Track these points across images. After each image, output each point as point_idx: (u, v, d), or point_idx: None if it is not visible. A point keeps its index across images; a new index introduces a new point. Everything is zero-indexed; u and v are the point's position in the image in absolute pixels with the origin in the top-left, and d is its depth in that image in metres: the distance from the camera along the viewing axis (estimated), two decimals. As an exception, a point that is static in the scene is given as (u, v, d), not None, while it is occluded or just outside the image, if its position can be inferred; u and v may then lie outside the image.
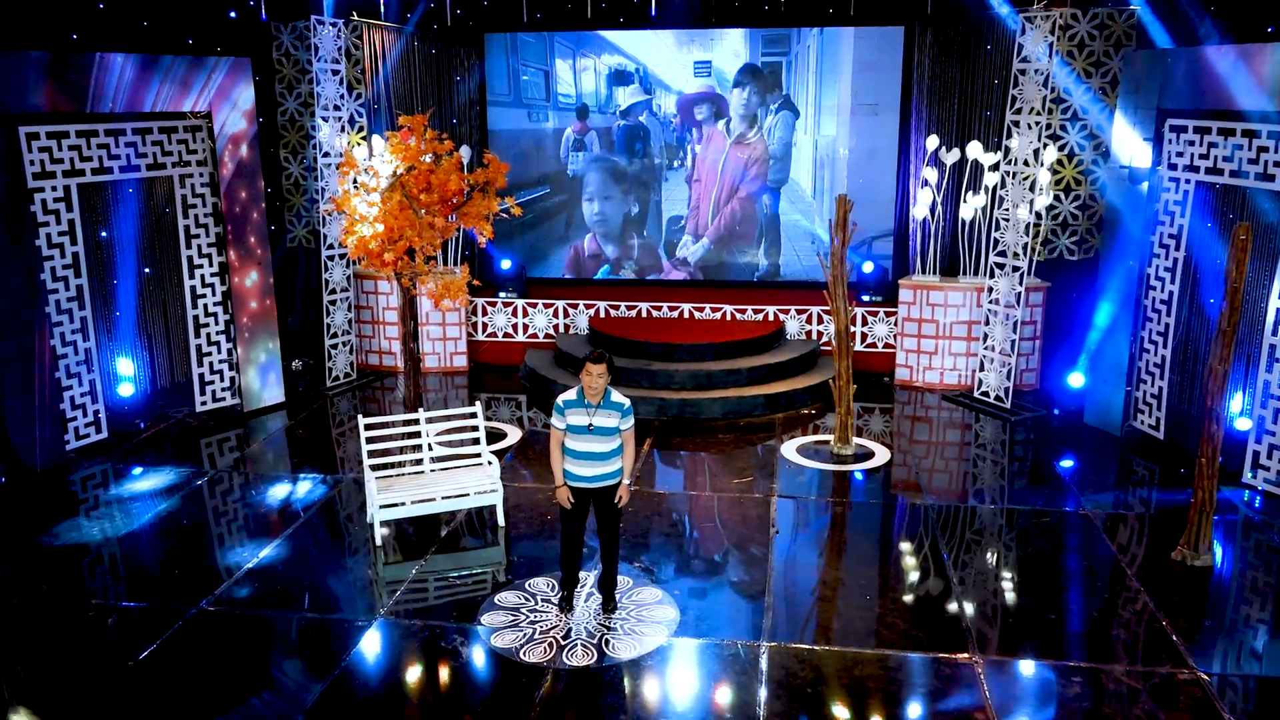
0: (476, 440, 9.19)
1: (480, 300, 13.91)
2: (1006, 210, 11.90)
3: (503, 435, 11.17)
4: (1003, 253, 12.03)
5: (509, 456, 10.60)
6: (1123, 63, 11.54)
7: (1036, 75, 11.45)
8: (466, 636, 7.06)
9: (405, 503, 8.54)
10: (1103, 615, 7.41)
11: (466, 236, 9.99)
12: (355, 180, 8.89)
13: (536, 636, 7.03)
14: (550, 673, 6.63)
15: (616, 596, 7.47)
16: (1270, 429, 9.34)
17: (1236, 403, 9.80)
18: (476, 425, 9.17)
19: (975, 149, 12.32)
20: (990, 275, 12.19)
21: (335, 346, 13.02)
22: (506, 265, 13.82)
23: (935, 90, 13.16)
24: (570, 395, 7.11)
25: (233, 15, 12.15)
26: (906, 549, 8.59)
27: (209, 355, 11.63)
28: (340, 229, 12.60)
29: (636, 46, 14.06)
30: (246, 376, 11.81)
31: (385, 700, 6.39)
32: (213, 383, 11.72)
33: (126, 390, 11.23)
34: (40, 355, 9.88)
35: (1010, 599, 7.65)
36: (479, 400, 12.49)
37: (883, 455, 10.59)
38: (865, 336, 13.39)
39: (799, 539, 8.76)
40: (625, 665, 6.72)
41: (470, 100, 14.26)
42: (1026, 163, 11.65)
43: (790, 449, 10.76)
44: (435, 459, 9.09)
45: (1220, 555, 8.24)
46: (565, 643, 6.96)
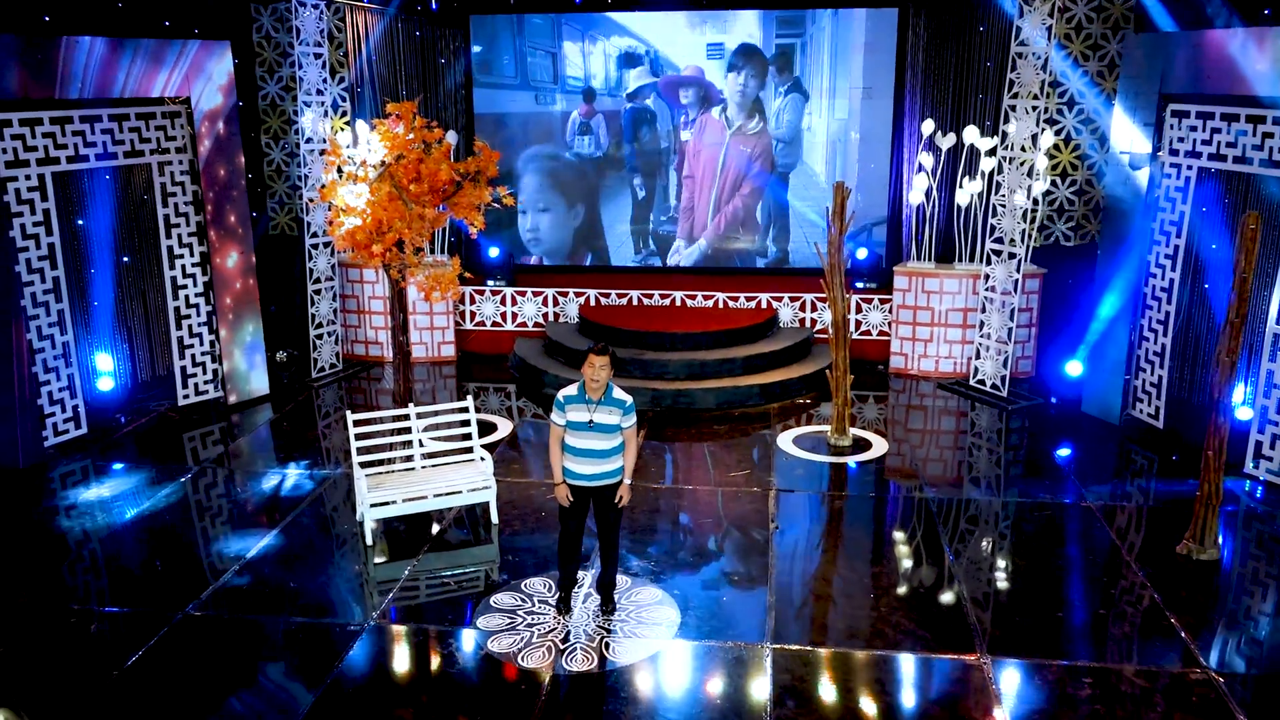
0: (468, 435, 8.96)
1: (468, 289, 13.65)
2: (1003, 196, 11.73)
3: (493, 428, 10.95)
4: (999, 239, 11.87)
5: (501, 448, 10.40)
6: (1122, 46, 11.37)
7: (1034, 59, 11.25)
8: (463, 641, 6.87)
9: (396, 501, 8.32)
10: (1110, 612, 7.28)
11: (453, 224, 9.74)
12: (341, 170, 8.61)
13: (535, 640, 6.85)
14: (550, 679, 6.45)
15: (615, 597, 7.29)
16: (1273, 419, 9.23)
17: (1238, 392, 9.69)
18: (468, 420, 8.94)
19: (972, 134, 12.13)
20: (987, 262, 12.03)
21: (320, 337, 12.74)
22: (494, 253, 13.57)
23: (929, 74, 12.95)
24: (570, 390, 6.91)
25: (211, -4, 11.81)
26: (909, 544, 8.44)
27: (191, 347, 11.35)
28: (325, 218, 12.32)
29: (647, 28, 13.75)
30: (231, 359, 11.48)
31: (380, 710, 6.19)
32: (195, 375, 11.45)
33: (106, 384, 10.94)
34: (17, 350, 9.58)
35: (1016, 596, 7.51)
36: (469, 392, 12.30)
37: (880, 446, 10.44)
38: (860, 324, 13.22)
39: (799, 534, 8.59)
40: (626, 670, 6.54)
41: (456, 84, 13.95)
42: (1024, 148, 11.47)
43: (786, 440, 10.60)
44: (426, 455, 8.87)
45: (1226, 548, 8.12)
46: (564, 646, 6.78)
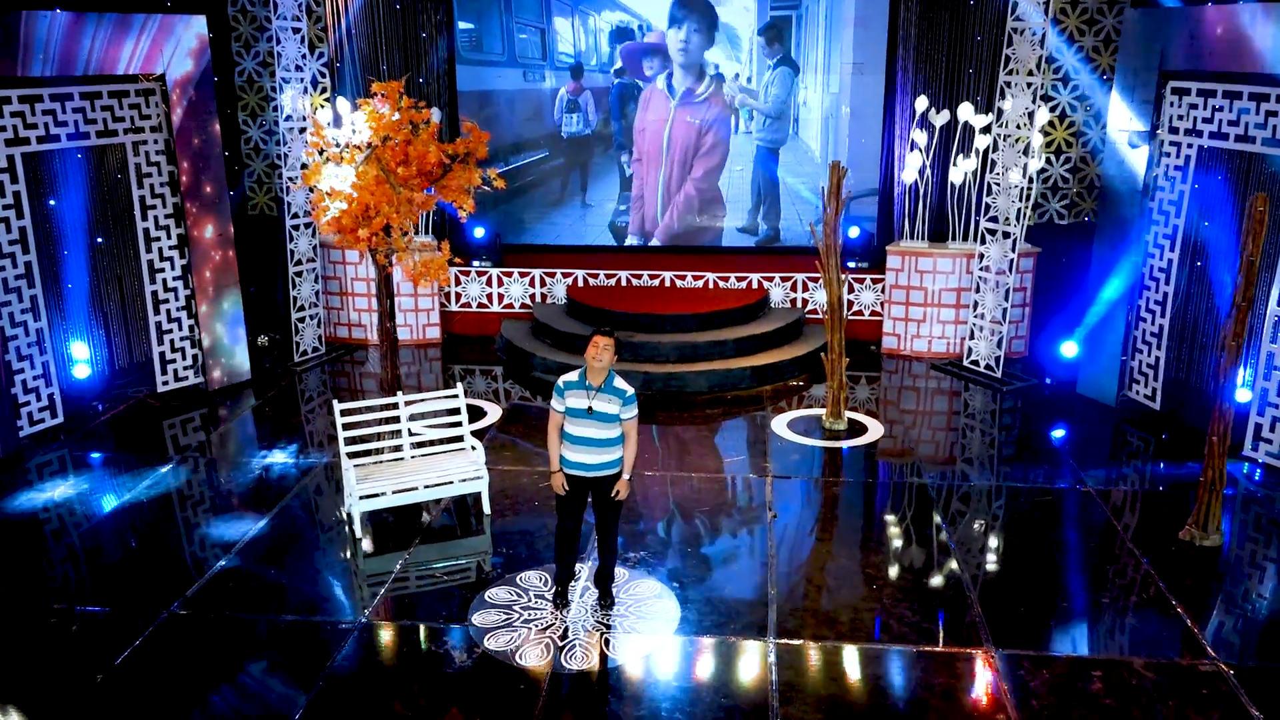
0: (458, 423, 8.75)
1: (453, 270, 13.38)
2: (998, 174, 11.56)
3: (481, 413, 10.73)
4: (994, 218, 11.70)
5: (491, 433, 10.19)
6: (1120, 21, 11.19)
7: (1031, 35, 11.05)
8: (458, 639, 6.68)
9: (386, 492, 8.10)
10: (1115, 602, 7.18)
11: (439, 205, 9.45)
12: (324, 153, 8.31)
13: (533, 637, 6.67)
14: (549, 677, 6.28)
15: (614, 591, 7.12)
16: (1273, 401, 9.15)
17: (1238, 374, 9.58)
18: (459, 408, 8.72)
19: (966, 111, 11.93)
20: (981, 241, 11.87)
21: (302, 320, 12.46)
22: (480, 233, 13.28)
23: (922, 49, 12.70)
24: (571, 377, 6.72)
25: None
26: (909, 533, 8.30)
27: (169, 333, 11.05)
28: (309, 200, 12.00)
29: (640, 1, 13.35)
30: (211, 333, 11.18)
31: (375, 713, 6.00)
32: (174, 361, 11.15)
33: (82, 372, 10.64)
34: (-12, 337, 9.28)
35: (1019, 586, 7.38)
36: (455, 375, 12.07)
37: (875, 430, 10.30)
38: (851, 304, 13.05)
39: (798, 523, 8.44)
40: (627, 667, 6.38)
41: (439, 59, 13.59)
42: (1020, 125, 11.28)
43: (780, 424, 10.44)
44: (416, 444, 8.65)
45: (1228, 534, 8.03)
46: (563, 643, 6.61)
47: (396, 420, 8.62)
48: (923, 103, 12.23)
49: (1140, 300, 10.45)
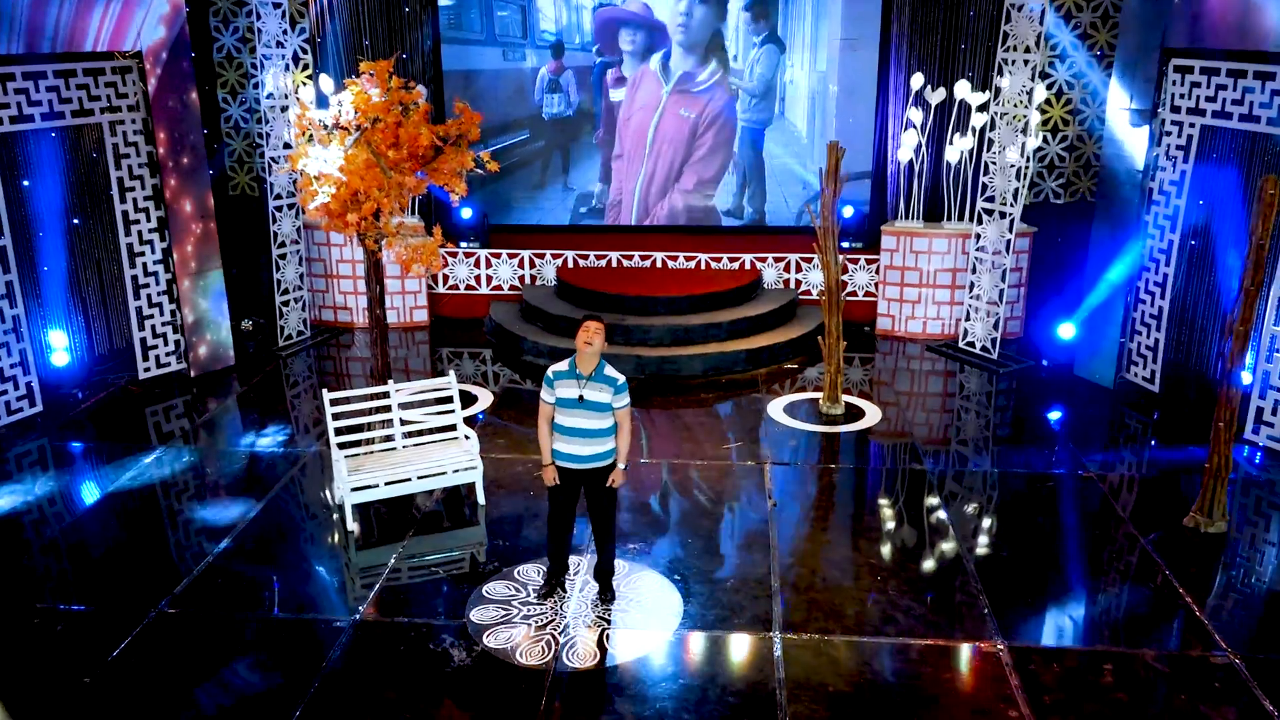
0: (451, 412, 8.54)
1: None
2: (995, 154, 11.38)
3: (472, 399, 10.51)
4: (990, 198, 11.54)
5: (479, 417, 9.99)
6: (1120, -3, 11.01)
7: (1030, 11, 10.85)
8: (456, 636, 6.51)
9: (378, 484, 7.90)
10: (1122, 592, 7.09)
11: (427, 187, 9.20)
12: (310, 136, 8.03)
13: (532, 634, 6.51)
14: (551, 676, 6.12)
15: (614, 584, 6.97)
16: (1275, 384, 9.07)
17: (1245, 360, 9.48)
18: (451, 396, 8.52)
19: (963, 88, 11.73)
20: (978, 221, 11.71)
21: (287, 304, 12.18)
22: (467, 214, 13.01)
23: (916, 24, 12.46)
24: (561, 366, 6.54)
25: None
26: (912, 521, 8.18)
27: (150, 318, 10.76)
28: (289, 180, 11.71)
29: None
30: (194, 318, 10.91)
31: (374, 715, 5.83)
32: (155, 347, 10.87)
33: (61, 359, 10.35)
34: (-37, 325, 8.99)
35: (1025, 576, 7.26)
36: (443, 358, 11.85)
37: (873, 414, 10.16)
38: (845, 285, 12.88)
39: (799, 511, 8.31)
40: (631, 665, 6.24)
41: (423, 35, 13.25)
42: (1019, 103, 11.10)
43: (777, 408, 10.29)
44: (408, 434, 8.45)
45: (1232, 521, 7.94)
46: (564, 640, 6.45)
47: (387, 409, 8.42)
48: (918, 80, 12.01)
49: (1140, 282, 10.33)
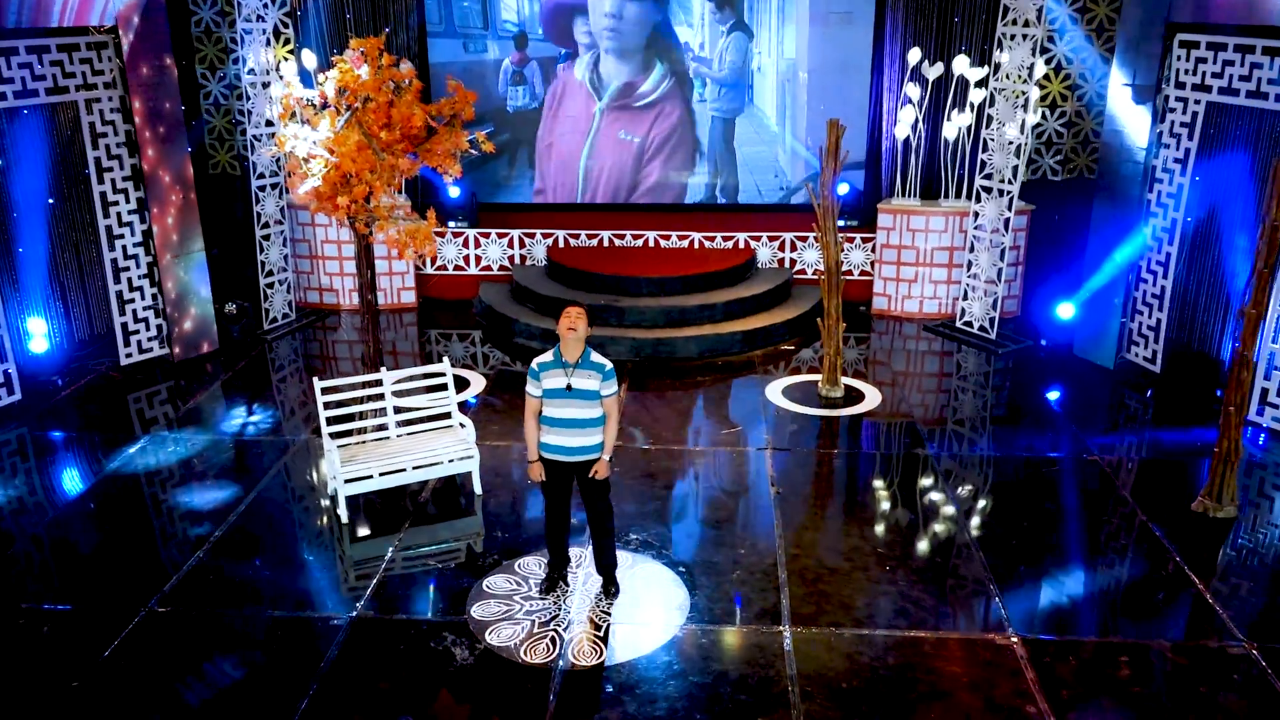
0: (446, 400, 8.32)
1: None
2: (995, 130, 11.19)
3: (464, 383, 10.28)
4: (989, 175, 11.37)
5: (471, 401, 9.77)
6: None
7: (1031, -17, 10.64)
8: (457, 634, 6.32)
9: (372, 475, 7.68)
10: (1134, 581, 6.96)
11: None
12: (297, 116, 7.73)
13: (535, 630, 6.34)
14: (556, 674, 5.95)
15: (618, 578, 6.79)
16: (1281, 365, 8.97)
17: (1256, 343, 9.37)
18: (446, 384, 8.30)
19: (961, 63, 11.51)
20: (976, 199, 11.53)
21: (271, 286, 11.89)
22: (455, 193, 12.73)
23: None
24: (545, 357, 6.33)
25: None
26: (917, 508, 8.05)
27: (131, 302, 10.46)
28: (272, 160, 11.39)
29: None
30: (176, 301, 10.60)
31: (375, 718, 5.66)
32: (137, 332, 10.58)
33: (40, 345, 10.04)
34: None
35: (1035, 564, 7.14)
36: (431, 340, 11.61)
37: (873, 397, 10.01)
38: (840, 264, 12.66)
39: (802, 499, 8.15)
40: (637, 662, 6.07)
41: (406, 5, 12.88)
42: (1021, 78, 10.89)
43: (775, 391, 10.12)
44: (402, 423, 8.23)
45: (1241, 505, 7.83)
46: (568, 637, 6.28)
47: (380, 398, 8.19)
48: (915, 55, 11.79)
49: (1142, 261, 10.20)
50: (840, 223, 12.51)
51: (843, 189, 12.64)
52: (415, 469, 7.80)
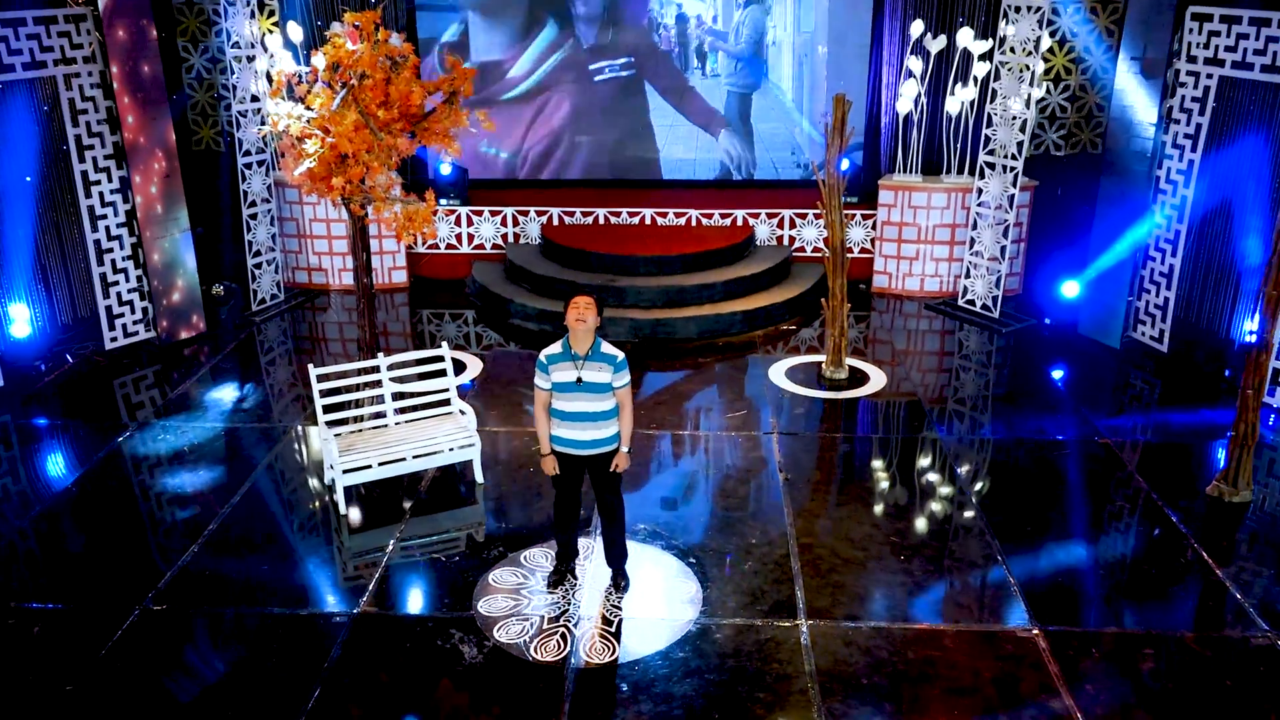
0: (445, 387, 8.09)
1: (400, 202, 12.49)
2: (1000, 104, 10.96)
3: (460, 366, 10.04)
4: (992, 150, 11.15)
5: (466, 386, 9.54)
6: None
7: (1038, -47, 10.38)
8: (464, 630, 6.14)
9: (371, 464, 7.46)
10: (1153, 569, 6.82)
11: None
12: (293, 92, 7.41)
13: (545, 627, 6.16)
14: (569, 673, 5.78)
15: (627, 571, 6.61)
16: (1293, 345, 8.82)
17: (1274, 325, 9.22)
18: (445, 370, 8.06)
19: (965, 36, 11.26)
20: (980, 175, 11.32)
21: (259, 266, 11.58)
22: (446, 170, 12.42)
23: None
24: (554, 349, 6.09)
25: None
26: (928, 494, 7.90)
27: (116, 285, 10.15)
28: (259, 137, 11.06)
29: None
30: (162, 283, 10.27)
31: (382, 720, 5.48)
32: (122, 315, 10.27)
33: (21, 330, 9.72)
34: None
35: (1051, 552, 7.00)
36: (425, 321, 11.36)
37: (877, 378, 9.84)
38: (845, 243, 12.45)
39: (812, 485, 7.97)
40: (651, 659, 5.90)
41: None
42: (1028, 51, 10.64)
43: (778, 373, 9.93)
44: (400, 410, 7.99)
45: (1257, 490, 7.72)
46: (579, 633, 6.10)
47: (377, 384, 7.96)
48: (918, 27, 11.52)
49: (1150, 239, 10.04)
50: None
51: (843, 164, 12.42)
52: (415, 458, 7.58)
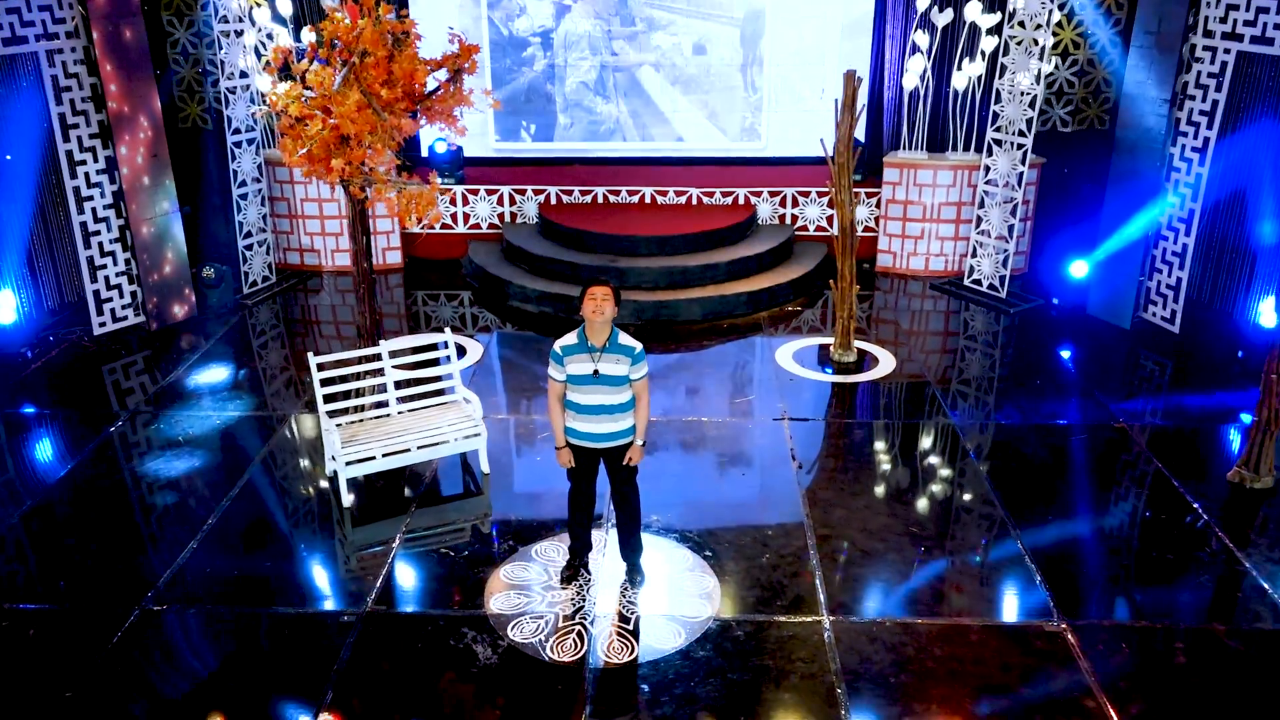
0: (448, 374, 7.86)
1: (402, 185, 12.21)
2: (1009, 79, 10.73)
3: (460, 350, 9.79)
4: (999, 128, 10.93)
5: (465, 373, 9.31)
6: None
7: (1050, -76, 10.13)
8: (478, 629, 5.94)
9: (375, 456, 7.23)
10: (1178, 559, 6.67)
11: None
12: (290, 71, 7.11)
13: (560, 625, 5.97)
14: (588, 674, 5.60)
15: (641, 565, 6.43)
16: (1310, 327, 8.69)
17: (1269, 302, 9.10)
18: (448, 357, 7.83)
19: (973, 9, 11.00)
20: (987, 152, 11.11)
21: (250, 248, 11.28)
22: (441, 148, 12.11)
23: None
24: (569, 340, 5.87)
25: None
26: (946, 480, 7.74)
27: (103, 268, 9.85)
28: (261, 116, 10.74)
29: None
30: (151, 266, 9.99)
31: (395, 726, 5.29)
32: (110, 300, 9.98)
33: (6, 316, 9.43)
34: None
35: (1074, 543, 6.86)
36: (419, 303, 11.11)
37: (887, 361, 9.65)
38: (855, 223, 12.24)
39: (826, 474, 7.80)
40: (671, 658, 5.72)
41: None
42: (1039, 24, 10.40)
43: (785, 356, 9.74)
44: (402, 399, 7.77)
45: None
46: (596, 632, 5.92)
47: (379, 373, 7.72)
48: (924, 1, 11.25)
49: (1162, 218, 9.87)
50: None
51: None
52: (420, 449, 7.35)
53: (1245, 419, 8.40)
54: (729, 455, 8.08)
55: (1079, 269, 10.88)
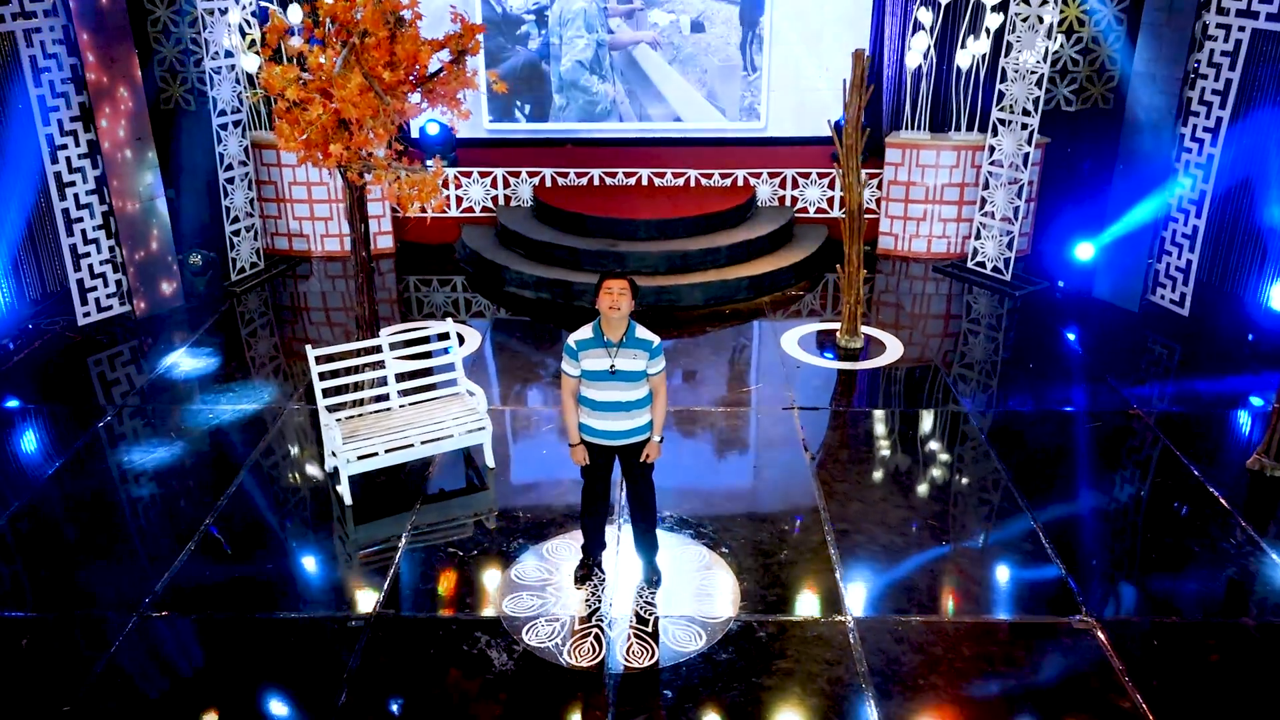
0: (450, 365, 7.62)
1: (403, 170, 11.90)
2: (1014, 57, 10.52)
3: (459, 339, 9.53)
4: (1004, 107, 10.73)
5: (464, 362, 9.07)
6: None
7: (1058, -102, 9.89)
8: (491, 633, 5.74)
9: (378, 452, 6.99)
10: (1203, 550, 6.53)
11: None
12: (282, 53, 6.80)
13: (577, 627, 5.78)
14: (608, 680, 5.41)
15: (657, 564, 6.24)
16: (1325, 310, 8.58)
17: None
18: (448, 348, 7.59)
19: (979, -14, 10.78)
20: (992, 132, 10.91)
21: (237, 233, 10.96)
22: (434, 130, 11.80)
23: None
24: (584, 334, 5.65)
25: None
26: (962, 471, 7.58)
27: (87, 257, 9.52)
28: (234, 93, 10.40)
29: None
30: (136, 254, 9.65)
31: (411, 737, 5.09)
32: (95, 289, 9.66)
33: (-13, 307, 9.13)
34: None
35: (1096, 535, 6.73)
36: (412, 288, 10.84)
37: (894, 347, 9.47)
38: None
39: (839, 465, 7.61)
40: (693, 661, 5.54)
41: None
42: (1042, 1, 10.20)
43: (790, 342, 9.55)
44: (403, 392, 7.52)
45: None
46: (614, 635, 5.73)
47: (379, 365, 7.47)
48: (927, -23, 11.02)
49: (1171, 200, 9.71)
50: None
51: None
52: (424, 444, 7.12)
53: (1258, 403, 8.29)
54: (740, 446, 7.90)
55: (1084, 251, 10.72)
